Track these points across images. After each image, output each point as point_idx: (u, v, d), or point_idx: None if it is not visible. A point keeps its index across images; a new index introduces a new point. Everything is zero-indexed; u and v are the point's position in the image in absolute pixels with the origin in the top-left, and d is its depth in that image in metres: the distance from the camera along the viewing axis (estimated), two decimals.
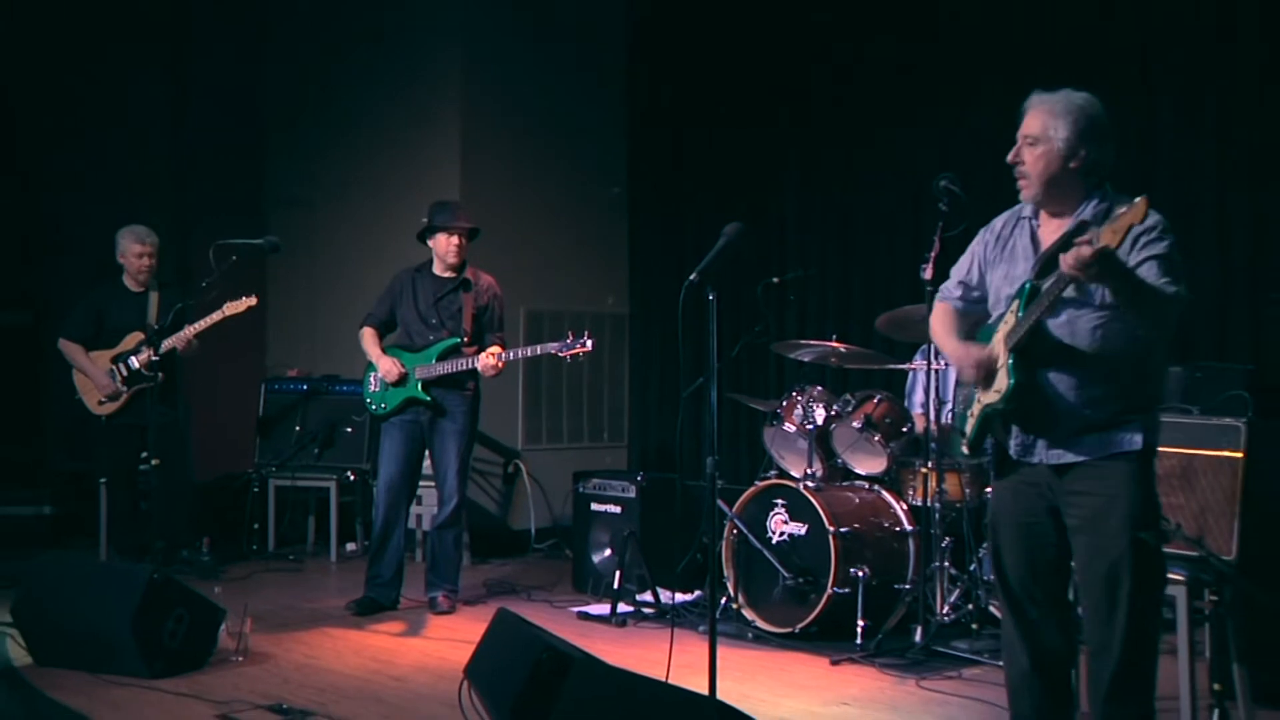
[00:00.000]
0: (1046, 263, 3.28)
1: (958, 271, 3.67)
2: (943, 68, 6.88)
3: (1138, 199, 3.02)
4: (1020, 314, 3.31)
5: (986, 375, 3.37)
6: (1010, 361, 3.29)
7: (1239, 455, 4.08)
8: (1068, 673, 3.47)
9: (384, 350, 5.97)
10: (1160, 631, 3.36)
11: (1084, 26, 6.33)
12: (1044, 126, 3.32)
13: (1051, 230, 3.38)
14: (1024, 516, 3.43)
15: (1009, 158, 3.41)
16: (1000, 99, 3.51)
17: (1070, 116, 3.31)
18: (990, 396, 3.35)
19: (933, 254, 5.02)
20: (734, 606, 5.53)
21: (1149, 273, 3.17)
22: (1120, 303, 3.18)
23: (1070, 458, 3.30)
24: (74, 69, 8.25)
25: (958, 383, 3.62)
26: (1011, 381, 3.28)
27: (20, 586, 5.14)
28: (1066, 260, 3.02)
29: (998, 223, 3.57)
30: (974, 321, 3.62)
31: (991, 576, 3.92)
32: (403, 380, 5.86)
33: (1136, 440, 3.25)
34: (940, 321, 3.71)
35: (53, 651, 4.84)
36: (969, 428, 3.48)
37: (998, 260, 3.51)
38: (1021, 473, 3.42)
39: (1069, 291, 3.21)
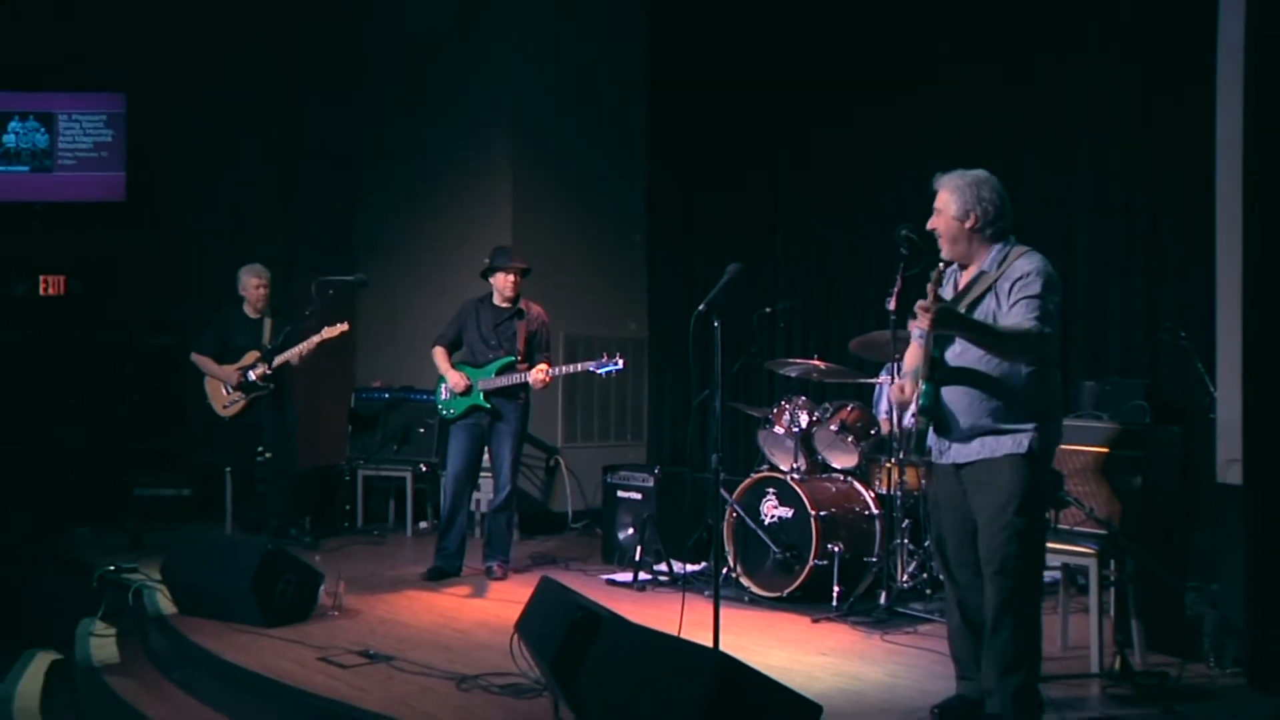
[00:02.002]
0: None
1: None
2: (901, 137, 6.94)
3: (932, 271, 3.33)
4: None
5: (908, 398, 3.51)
6: (923, 387, 3.41)
7: (1139, 453, 4.16)
8: None
9: (453, 366, 6.00)
10: (1039, 592, 3.45)
11: (1009, 100, 6.38)
12: (943, 200, 3.47)
13: (967, 279, 3.52)
14: (952, 500, 3.53)
15: (929, 225, 3.55)
16: (947, 164, 3.61)
17: (958, 191, 3.44)
18: (912, 413, 3.48)
19: (896, 289, 4.95)
20: (733, 575, 5.53)
21: (1018, 312, 3.28)
22: (975, 343, 3.30)
23: (972, 457, 3.40)
24: (202, 140, 8.39)
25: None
26: (922, 402, 3.41)
27: (167, 552, 5.27)
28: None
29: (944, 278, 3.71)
30: None
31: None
32: (468, 391, 5.90)
33: (1024, 443, 3.34)
34: (906, 353, 3.84)
35: (191, 604, 4.96)
36: (912, 439, 3.60)
37: None
38: (944, 468, 3.53)
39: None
